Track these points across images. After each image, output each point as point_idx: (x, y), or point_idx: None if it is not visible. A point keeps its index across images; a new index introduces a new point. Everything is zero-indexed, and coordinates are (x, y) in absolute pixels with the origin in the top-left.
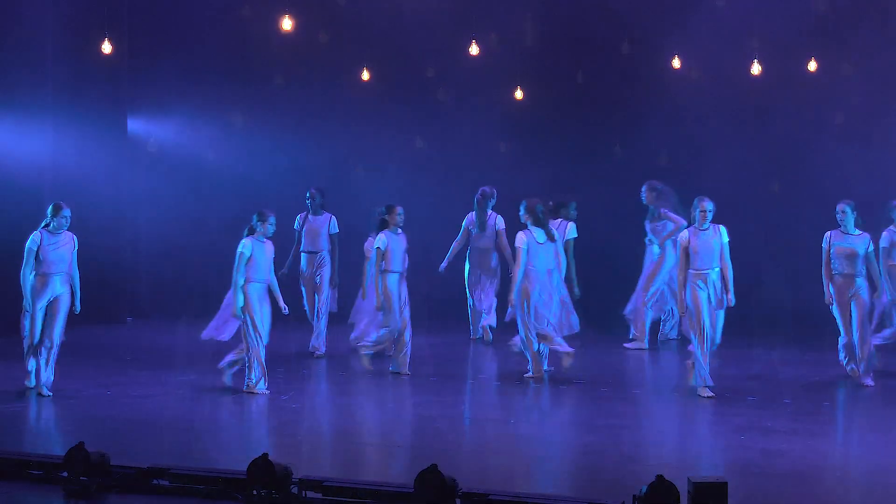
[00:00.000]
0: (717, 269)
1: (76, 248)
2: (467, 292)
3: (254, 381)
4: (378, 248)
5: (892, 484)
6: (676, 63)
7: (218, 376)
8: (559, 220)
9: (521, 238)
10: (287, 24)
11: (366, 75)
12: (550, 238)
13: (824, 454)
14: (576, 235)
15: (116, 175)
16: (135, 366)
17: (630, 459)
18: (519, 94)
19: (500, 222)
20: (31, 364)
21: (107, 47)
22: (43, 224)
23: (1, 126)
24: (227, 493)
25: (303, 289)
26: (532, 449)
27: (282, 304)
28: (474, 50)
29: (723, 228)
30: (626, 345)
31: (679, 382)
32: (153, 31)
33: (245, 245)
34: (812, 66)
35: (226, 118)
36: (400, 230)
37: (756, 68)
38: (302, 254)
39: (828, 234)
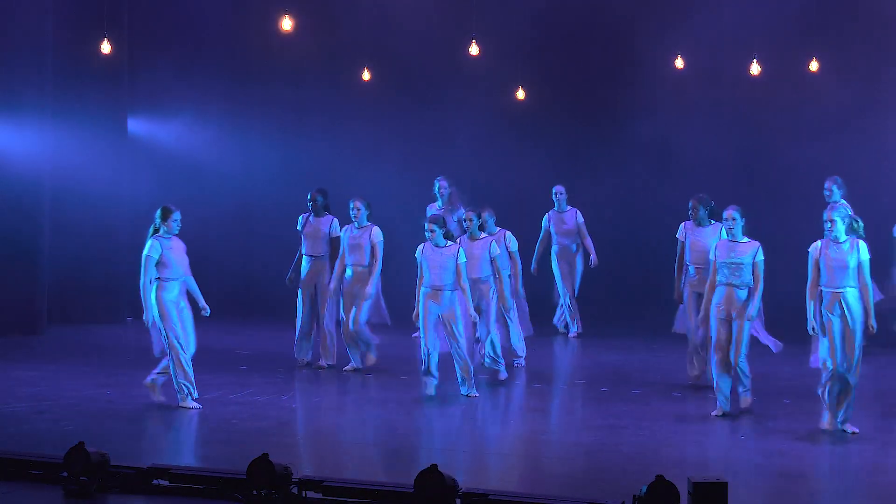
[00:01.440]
0: (853, 290)
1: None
2: (561, 289)
3: (471, 386)
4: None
5: (891, 483)
6: (679, 63)
7: (216, 376)
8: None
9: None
10: (287, 24)
11: (366, 75)
12: None
13: (824, 454)
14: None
15: (116, 175)
16: (135, 366)
17: (630, 459)
18: (521, 95)
19: (580, 216)
20: (191, 375)
21: (107, 47)
22: (152, 230)
23: (1, 126)
24: (227, 493)
25: (299, 293)
26: (532, 449)
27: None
28: (474, 50)
29: (863, 244)
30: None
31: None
32: (153, 31)
33: (421, 251)
34: (814, 65)
35: (226, 118)
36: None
37: (755, 68)
38: (304, 257)
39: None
